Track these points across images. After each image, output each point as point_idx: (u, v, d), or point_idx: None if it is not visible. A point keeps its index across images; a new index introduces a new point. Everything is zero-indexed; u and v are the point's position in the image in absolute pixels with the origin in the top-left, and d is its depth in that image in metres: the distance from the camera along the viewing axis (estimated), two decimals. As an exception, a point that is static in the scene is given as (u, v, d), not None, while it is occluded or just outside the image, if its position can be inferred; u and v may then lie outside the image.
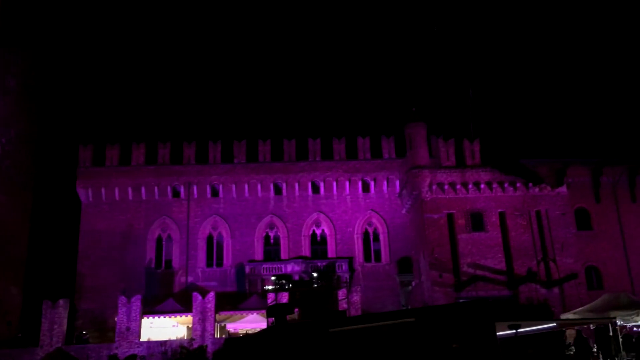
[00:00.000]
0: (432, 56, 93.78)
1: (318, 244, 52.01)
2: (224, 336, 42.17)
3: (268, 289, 42.33)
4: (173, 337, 42.07)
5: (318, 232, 52.29)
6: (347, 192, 52.35)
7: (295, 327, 22.15)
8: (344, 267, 49.56)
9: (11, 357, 38.34)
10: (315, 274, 45.71)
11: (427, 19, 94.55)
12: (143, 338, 41.25)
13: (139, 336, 40.66)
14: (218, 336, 41.71)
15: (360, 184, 52.40)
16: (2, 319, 45.45)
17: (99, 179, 51.25)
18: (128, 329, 40.28)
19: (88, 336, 43.39)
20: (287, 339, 18.90)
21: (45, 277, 56.78)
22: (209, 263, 50.98)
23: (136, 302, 41.30)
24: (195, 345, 38.19)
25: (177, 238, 51.19)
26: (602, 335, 25.26)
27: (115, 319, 41.61)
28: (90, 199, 51.24)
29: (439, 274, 42.20)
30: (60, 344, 39.45)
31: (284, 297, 40.56)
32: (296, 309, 39.36)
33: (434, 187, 44.13)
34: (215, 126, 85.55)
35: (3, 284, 46.36)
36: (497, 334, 15.40)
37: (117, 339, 40.21)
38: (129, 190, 51.35)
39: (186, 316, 42.57)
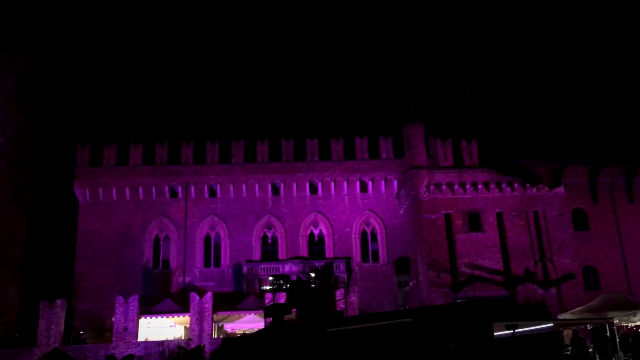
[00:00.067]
0: (430, 56, 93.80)
1: (316, 244, 52.02)
2: (221, 336, 42.12)
3: (266, 289, 42.35)
4: (170, 337, 42.06)
5: (316, 232, 52.29)
6: (345, 192, 52.37)
7: (292, 327, 22.13)
8: (341, 267, 49.56)
9: (8, 358, 38.27)
10: (312, 274, 45.69)
11: (425, 19, 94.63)
12: (140, 338, 41.22)
13: (136, 336, 40.64)
14: (215, 336, 41.69)
15: (358, 184, 52.42)
16: (-1, 319, 45.42)
17: (96, 179, 51.19)
18: (125, 329, 40.23)
19: (85, 336, 43.36)
20: (285, 339, 18.89)
21: (42, 277, 56.75)
22: (207, 263, 50.96)
23: (133, 302, 41.26)
24: (192, 346, 38.19)
25: (174, 238, 51.16)
26: (599, 336, 25.28)
27: (113, 319, 41.55)
28: (88, 199, 51.19)
29: (436, 274, 42.24)
30: (57, 344, 39.40)
31: (282, 298, 40.55)
32: (294, 309, 39.30)
33: (432, 188, 44.17)
34: (213, 126, 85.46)
35: (0, 284, 46.30)
36: (495, 334, 15.41)
37: (114, 339, 40.16)
38: (127, 190, 51.31)
39: (184, 316, 42.53)
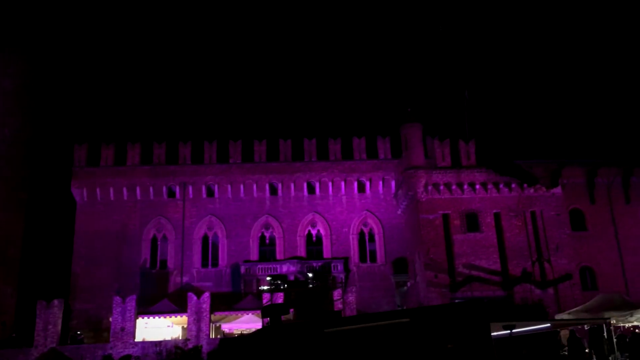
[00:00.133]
0: (428, 57, 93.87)
1: (313, 245, 52.00)
2: (219, 336, 42.08)
3: (263, 289, 42.36)
4: (168, 338, 42.02)
5: (313, 232, 52.28)
6: (343, 192, 52.37)
7: (290, 327, 22.14)
8: (339, 267, 49.55)
9: (5, 358, 38.20)
10: (310, 275, 45.76)
11: (424, 19, 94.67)
12: (138, 338, 41.16)
13: (133, 336, 40.57)
14: (213, 336, 41.63)
15: (355, 185, 52.41)
16: (-4, 319, 45.30)
17: (94, 179, 51.12)
18: (123, 329, 40.17)
19: (82, 336, 43.27)
20: (282, 339, 18.90)
21: (39, 277, 56.57)
22: (204, 263, 50.92)
23: (131, 302, 41.20)
24: (190, 346, 38.14)
25: (172, 238, 51.11)
26: (596, 336, 25.34)
27: (110, 319, 41.50)
28: (85, 199, 51.12)
29: (434, 274, 42.25)
30: (54, 344, 39.33)
31: (279, 298, 40.55)
32: (291, 310, 39.38)
33: (430, 188, 44.18)
34: (211, 126, 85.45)
35: (-3, 284, 46.20)
36: (492, 334, 15.44)
37: (111, 339, 40.09)
38: (124, 190, 51.25)
39: (181, 316, 42.49)
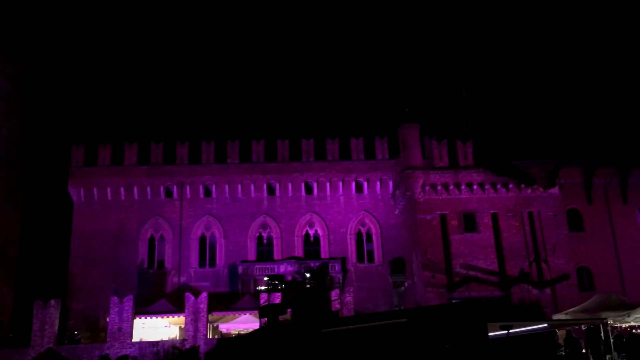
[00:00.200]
0: (426, 57, 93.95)
1: (311, 245, 52.00)
2: (216, 337, 42.05)
3: (261, 290, 42.36)
4: (165, 338, 41.92)
5: (311, 232, 52.28)
6: (341, 192, 52.36)
7: (288, 327, 22.13)
8: (336, 267, 49.55)
9: (2, 358, 38.10)
10: (308, 275, 45.78)
11: (423, 20, 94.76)
12: (135, 338, 41.09)
13: (131, 336, 40.48)
14: (210, 337, 41.58)
15: (353, 185, 52.42)
16: (-7, 319, 45.21)
17: (91, 179, 51.06)
18: (120, 329, 40.10)
19: (80, 336, 43.18)
20: (280, 339, 18.88)
21: (37, 277, 56.54)
22: (202, 263, 50.89)
23: (128, 302, 41.11)
24: (187, 346, 38.08)
25: (169, 238, 51.07)
26: (593, 336, 25.38)
27: (107, 319, 41.42)
28: (83, 199, 51.04)
29: (431, 274, 42.25)
30: (51, 345, 39.23)
31: (277, 298, 40.52)
32: (289, 310, 39.35)
33: (427, 188, 44.19)
34: (209, 126, 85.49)
35: (-6, 284, 46.11)
36: (489, 334, 15.45)
37: (109, 339, 39.99)
38: (122, 190, 51.19)
39: (178, 316, 42.41)
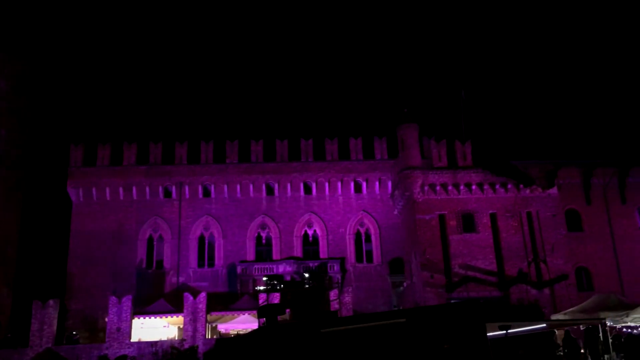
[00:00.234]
0: (425, 57, 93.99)
1: (310, 245, 52.00)
2: (215, 337, 42.08)
3: (260, 290, 42.33)
4: (164, 338, 41.91)
5: (310, 232, 52.28)
6: (339, 192, 52.36)
7: (286, 327, 22.14)
8: (335, 267, 49.56)
9: (0, 358, 38.08)
10: (306, 275, 45.73)
11: (422, 20, 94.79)
12: (134, 338, 41.10)
13: (129, 337, 40.50)
14: (209, 337, 41.60)
15: (352, 185, 52.42)
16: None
17: (90, 179, 51.03)
18: (119, 329, 40.10)
19: (78, 336, 43.16)
20: (279, 339, 18.88)
21: (35, 277, 56.49)
22: (201, 263, 50.87)
23: (127, 302, 41.11)
24: (186, 346, 38.10)
25: (168, 238, 51.05)
26: (591, 336, 25.37)
27: (106, 319, 41.39)
28: (81, 199, 51.01)
29: (430, 274, 42.25)
30: (50, 345, 39.22)
31: (276, 298, 40.53)
32: (287, 310, 39.36)
33: (426, 188, 44.19)
34: (208, 126, 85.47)
35: (-7, 284, 46.07)
36: (488, 334, 15.45)
37: (107, 339, 40.01)
38: (120, 190, 51.16)
39: (177, 317, 42.41)
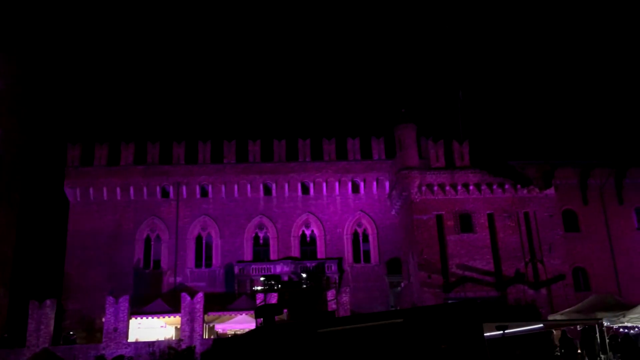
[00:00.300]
0: (422, 57, 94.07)
1: (307, 245, 51.98)
2: (212, 337, 42.04)
3: (257, 290, 42.33)
4: (161, 338, 41.89)
5: (307, 232, 52.26)
6: (337, 192, 52.36)
7: (284, 327, 22.14)
8: (333, 267, 49.54)
9: (-3, 358, 38.05)
10: (304, 275, 45.75)
11: (420, 20, 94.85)
12: (131, 339, 41.04)
13: (126, 337, 40.46)
14: (206, 337, 41.59)
15: (350, 185, 52.43)
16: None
17: (87, 179, 50.94)
18: (116, 329, 40.05)
19: (75, 337, 43.10)
20: (276, 339, 18.88)
21: (32, 277, 56.38)
22: (198, 263, 50.82)
23: (124, 302, 41.08)
24: (183, 346, 38.10)
25: (165, 238, 50.98)
26: (588, 336, 25.43)
27: (103, 319, 41.36)
28: (78, 199, 50.92)
29: (427, 274, 42.30)
30: (47, 345, 39.18)
31: (273, 298, 40.51)
32: (285, 310, 39.37)
33: (423, 189, 44.23)
34: (205, 126, 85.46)
35: (-11, 284, 45.95)
36: (485, 334, 15.47)
37: (104, 339, 39.97)
38: (118, 190, 51.07)
39: (174, 317, 42.38)
